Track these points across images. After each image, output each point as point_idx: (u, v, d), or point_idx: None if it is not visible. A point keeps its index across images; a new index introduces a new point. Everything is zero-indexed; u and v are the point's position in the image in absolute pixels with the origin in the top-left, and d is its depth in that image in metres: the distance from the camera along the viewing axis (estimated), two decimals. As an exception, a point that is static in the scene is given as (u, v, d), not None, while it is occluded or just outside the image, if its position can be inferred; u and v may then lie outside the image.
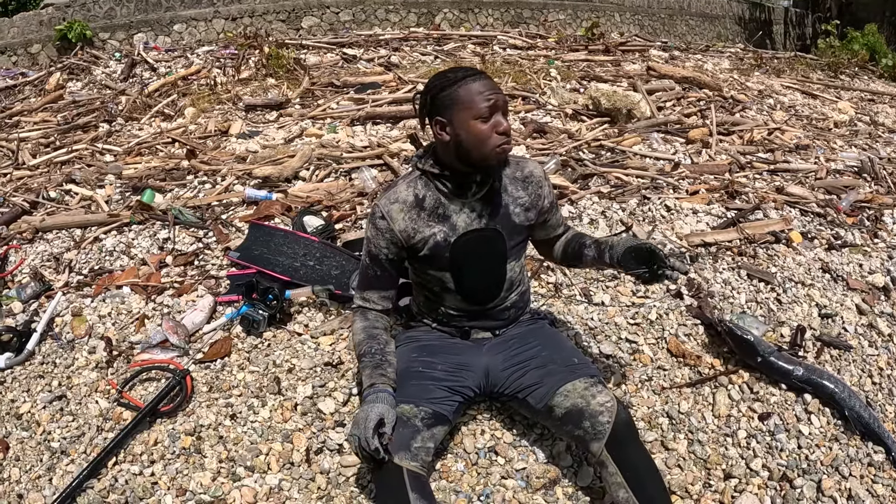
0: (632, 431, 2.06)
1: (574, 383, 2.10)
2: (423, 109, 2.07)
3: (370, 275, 2.22)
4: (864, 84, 8.94)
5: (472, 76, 1.99)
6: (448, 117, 1.99)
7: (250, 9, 10.08)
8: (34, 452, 2.40)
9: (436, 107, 2.01)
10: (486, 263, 2.21)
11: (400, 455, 1.92)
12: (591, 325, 2.82)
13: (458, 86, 1.97)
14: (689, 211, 3.81)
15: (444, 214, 2.11)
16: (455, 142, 2.00)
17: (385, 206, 2.11)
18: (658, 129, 5.48)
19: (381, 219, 2.11)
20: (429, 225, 2.11)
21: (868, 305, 3.13)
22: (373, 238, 2.15)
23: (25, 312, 3.19)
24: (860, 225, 3.86)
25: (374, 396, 2.00)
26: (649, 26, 13.70)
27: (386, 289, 2.25)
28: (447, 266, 2.16)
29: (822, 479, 2.27)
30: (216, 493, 2.14)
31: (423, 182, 2.12)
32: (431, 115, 2.03)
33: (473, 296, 2.25)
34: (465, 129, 1.97)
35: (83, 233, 3.89)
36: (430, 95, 2.02)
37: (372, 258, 2.18)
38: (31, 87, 7.88)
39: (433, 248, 2.12)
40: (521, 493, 2.18)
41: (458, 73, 2.00)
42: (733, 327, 2.66)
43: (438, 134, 2.02)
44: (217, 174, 4.55)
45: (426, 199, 2.11)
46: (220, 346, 2.73)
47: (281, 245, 3.21)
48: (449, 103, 1.98)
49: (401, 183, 2.15)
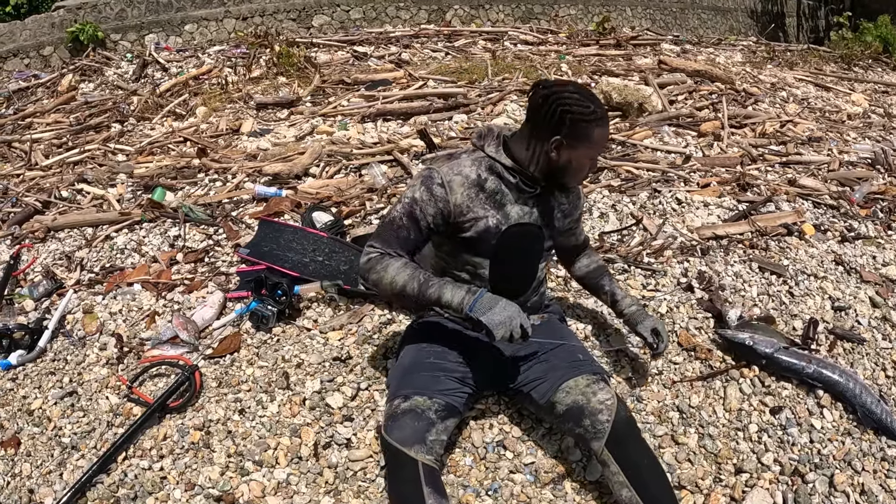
0: (633, 430, 2.05)
1: (576, 379, 2.10)
2: (549, 119, 1.97)
3: (401, 234, 2.07)
4: (877, 76, 8.85)
5: (606, 118, 2.01)
6: (572, 146, 1.98)
7: (261, 8, 10.10)
8: (45, 448, 2.41)
9: (568, 131, 1.96)
10: (525, 258, 2.23)
11: (416, 448, 1.92)
12: (601, 319, 2.81)
13: (597, 125, 1.97)
14: (700, 204, 3.78)
15: (501, 202, 2.09)
16: (559, 165, 2.02)
17: (447, 174, 2.05)
18: (669, 123, 5.45)
19: (440, 186, 2.03)
20: (483, 207, 2.07)
21: (882, 298, 3.10)
22: (421, 201, 2.04)
23: (37, 310, 3.21)
24: (874, 217, 3.82)
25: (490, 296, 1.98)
26: (661, 20, 13.62)
27: (411, 251, 2.11)
28: (489, 253, 2.13)
29: (834, 473, 2.25)
30: (224, 487, 2.14)
31: (488, 165, 2.09)
32: (555, 132, 1.97)
33: (503, 287, 2.20)
34: (577, 162, 2.02)
35: (95, 231, 3.91)
36: (570, 117, 1.94)
37: (412, 219, 2.06)
38: (43, 89, 7.92)
39: (482, 232, 2.08)
40: (530, 487, 2.17)
41: (598, 111, 1.97)
42: (726, 336, 2.66)
43: (550, 150, 2.00)
44: (228, 172, 4.56)
45: (487, 181, 2.08)
46: (230, 342, 2.74)
47: (290, 241, 3.21)
48: (581, 136, 1.97)
49: (464, 158, 2.11)
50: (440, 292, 1.98)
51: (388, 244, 2.07)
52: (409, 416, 2.00)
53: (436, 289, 1.99)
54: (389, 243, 2.07)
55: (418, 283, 2.00)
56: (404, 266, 2.03)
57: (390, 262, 2.04)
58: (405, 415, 2.00)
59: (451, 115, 5.70)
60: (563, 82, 2.02)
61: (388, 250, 2.07)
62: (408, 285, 2.00)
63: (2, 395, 2.69)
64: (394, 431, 1.96)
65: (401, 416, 2.00)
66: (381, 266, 2.04)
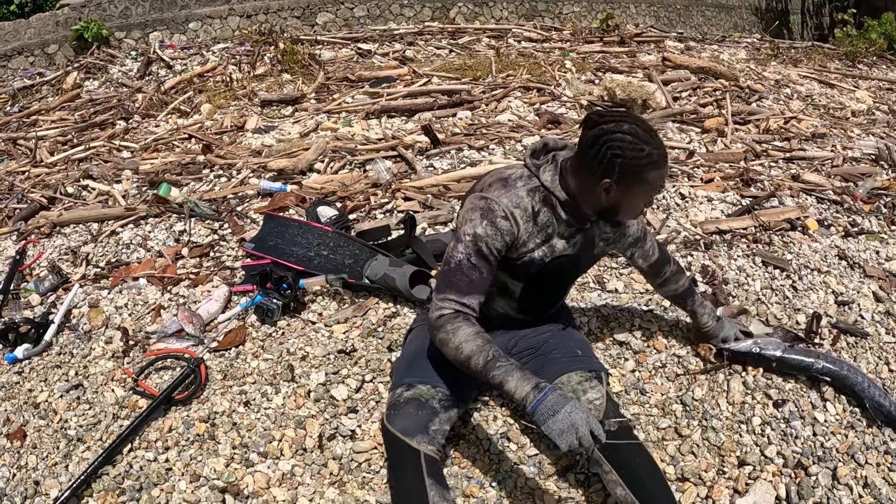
0: (623, 430, 2.01)
1: (570, 375, 2.10)
2: (600, 161, 1.84)
3: (474, 277, 1.93)
4: (882, 73, 8.84)
5: (664, 159, 1.87)
6: (623, 188, 1.87)
7: (265, 5, 10.11)
8: (51, 440, 2.42)
9: (619, 175, 1.84)
10: (559, 284, 2.22)
11: (418, 439, 1.91)
12: (605, 312, 2.82)
13: (651, 169, 1.84)
14: (704, 199, 3.79)
15: (549, 234, 2.02)
16: (610, 204, 1.93)
17: (508, 206, 1.93)
18: (674, 119, 5.46)
19: (505, 219, 1.92)
20: (534, 240, 2.00)
21: (885, 293, 3.10)
22: (486, 236, 1.91)
23: (43, 305, 3.23)
24: (877, 212, 3.82)
25: (558, 394, 1.76)
26: (665, 17, 13.60)
27: (485, 294, 1.99)
28: (525, 278, 2.09)
29: (837, 466, 2.25)
30: (230, 478, 2.16)
31: (542, 196, 1.98)
32: (606, 175, 1.85)
33: (530, 308, 2.21)
34: (628, 203, 1.93)
35: (100, 227, 3.92)
36: (619, 160, 1.82)
37: (482, 258, 1.93)
38: (48, 87, 7.95)
39: (527, 263, 2.02)
40: (534, 479, 2.18)
41: (654, 153, 1.83)
42: (731, 350, 2.58)
43: (600, 191, 1.89)
44: (232, 168, 4.58)
45: (540, 214, 1.99)
46: (235, 335, 2.75)
47: (295, 235, 3.22)
48: (633, 179, 1.86)
49: (520, 186, 1.98)
50: (504, 378, 1.80)
51: (462, 293, 1.93)
52: (413, 405, 1.99)
53: (501, 373, 1.81)
54: (464, 291, 1.93)
55: (484, 359, 1.83)
56: (475, 335, 1.87)
57: (461, 325, 1.89)
58: (408, 404, 2.00)
59: (455, 112, 5.71)
60: (617, 117, 1.85)
61: (465, 302, 1.92)
62: (473, 358, 1.85)
63: (8, 388, 2.70)
64: (396, 421, 1.95)
65: (403, 405, 2.00)
66: (451, 327, 1.89)
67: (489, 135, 4.98)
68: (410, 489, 1.89)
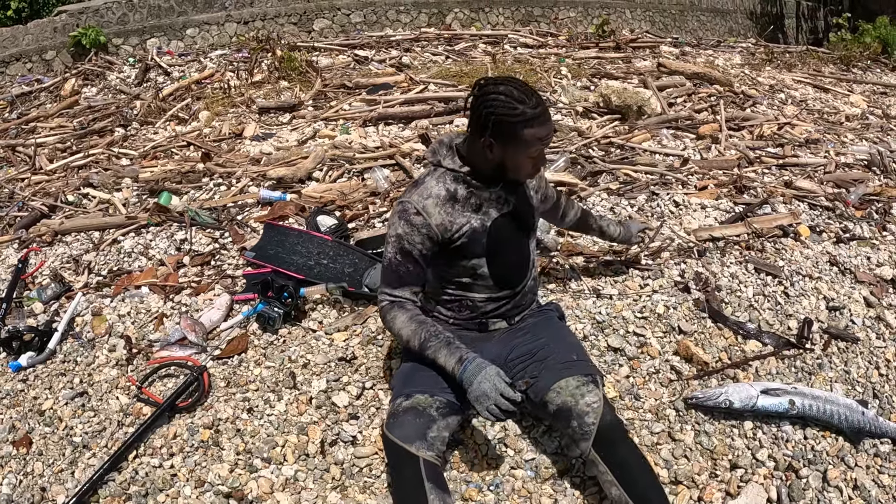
0: (618, 432, 2.08)
1: (567, 380, 2.13)
2: (478, 119, 2.04)
3: (402, 272, 2.19)
4: (876, 77, 8.90)
5: (538, 118, 2.01)
6: (501, 145, 2.04)
7: (262, 12, 10.16)
8: (57, 447, 2.47)
9: (494, 131, 2.02)
10: (516, 243, 2.32)
11: (416, 445, 1.96)
12: (599, 318, 2.86)
13: (524, 126, 1.99)
14: (698, 206, 3.84)
15: (478, 203, 2.19)
16: (497, 162, 2.09)
17: (419, 202, 2.14)
18: (668, 126, 5.51)
19: (417, 214, 2.13)
20: (464, 215, 2.17)
21: (876, 298, 3.15)
22: (406, 234, 2.14)
23: (46, 313, 3.27)
24: (869, 218, 3.88)
25: (475, 366, 2.02)
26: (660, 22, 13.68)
27: (417, 284, 2.24)
28: (483, 251, 2.23)
29: (827, 469, 2.30)
30: (234, 484, 2.20)
31: (452, 177, 2.18)
32: (484, 131, 2.03)
33: (505, 277, 2.31)
34: (512, 160, 2.08)
35: (102, 235, 3.97)
36: (493, 118, 2.00)
37: (404, 255, 2.17)
38: (46, 93, 7.97)
39: (471, 235, 2.18)
40: (531, 482, 2.23)
41: (528, 111, 1.99)
42: (700, 403, 2.47)
43: (484, 148, 2.06)
44: (232, 176, 4.62)
45: (458, 191, 2.17)
46: (237, 343, 2.80)
47: (295, 244, 3.27)
48: (509, 136, 2.02)
49: (428, 179, 2.19)
50: (435, 356, 2.11)
51: (393, 287, 2.21)
52: (411, 413, 2.04)
53: (432, 351, 2.11)
54: (395, 285, 2.21)
55: (419, 341, 2.13)
56: (409, 321, 2.17)
57: (397, 314, 2.19)
58: (407, 412, 2.05)
59: (452, 119, 5.76)
60: (499, 80, 2.05)
61: (396, 294, 2.21)
62: (411, 341, 2.16)
63: (13, 396, 2.74)
64: (395, 429, 2.01)
65: (402, 414, 2.05)
66: (390, 317, 2.20)
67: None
68: (411, 494, 1.94)
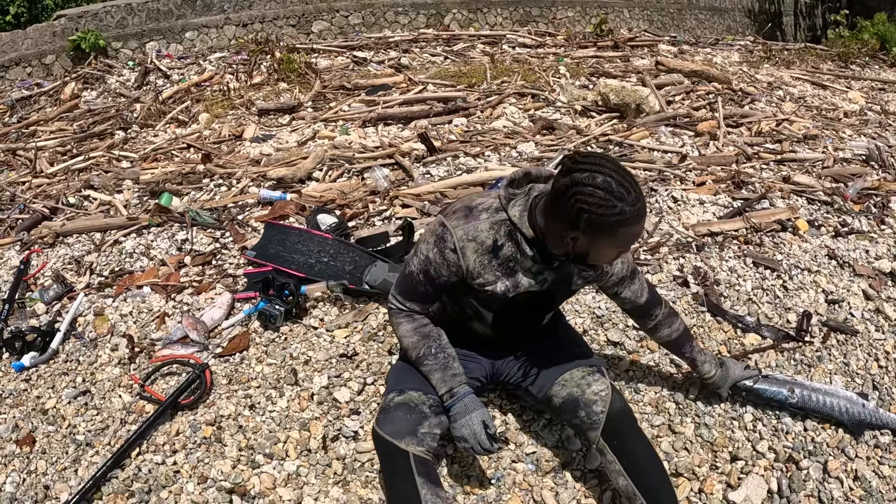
0: (628, 420, 2.08)
1: (572, 372, 2.14)
2: (568, 211, 1.72)
3: (420, 290, 2.06)
4: (874, 73, 8.92)
5: (638, 216, 1.71)
6: (590, 241, 1.76)
7: (261, 14, 10.18)
8: (60, 445, 2.48)
9: (585, 228, 1.72)
10: (532, 316, 2.20)
11: (406, 440, 1.96)
12: (599, 313, 2.88)
13: (621, 227, 1.70)
14: (696, 201, 3.85)
15: (514, 270, 1.97)
16: (577, 253, 1.83)
17: (461, 240, 1.92)
18: (667, 123, 5.52)
19: (453, 252, 1.93)
20: (494, 274, 1.96)
21: (875, 291, 3.16)
22: (435, 263, 1.97)
23: (48, 313, 3.28)
24: (867, 212, 3.89)
25: (462, 406, 2.03)
26: (658, 21, 13.69)
27: (432, 303, 2.13)
28: (493, 309, 2.09)
29: (828, 460, 2.31)
30: (236, 479, 2.21)
31: (507, 231, 1.91)
32: (574, 228, 1.73)
33: (506, 333, 2.22)
34: (597, 255, 1.83)
35: (103, 236, 3.98)
36: (586, 216, 1.69)
37: (428, 278, 2.01)
38: (46, 97, 7.98)
39: (489, 296, 2.02)
40: (531, 476, 2.24)
41: (627, 210, 1.67)
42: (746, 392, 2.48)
43: (566, 240, 1.79)
44: (232, 177, 4.64)
45: (504, 248, 1.93)
46: (239, 341, 2.81)
47: (296, 243, 3.28)
48: (601, 235, 1.73)
49: (483, 219, 1.93)
50: (430, 375, 2.10)
51: (406, 299, 2.11)
52: (402, 409, 2.04)
53: (427, 369, 2.10)
54: (408, 298, 2.11)
55: (417, 354, 2.11)
56: (413, 332, 2.12)
57: (403, 321, 2.13)
58: (398, 408, 2.04)
59: (451, 119, 5.77)
60: (592, 166, 1.69)
61: (408, 305, 2.11)
62: (409, 351, 2.13)
63: (16, 395, 2.76)
64: (385, 425, 2.01)
65: (393, 410, 2.04)
66: (396, 321, 2.15)
67: (485, 141, 5.05)
68: (402, 490, 1.94)
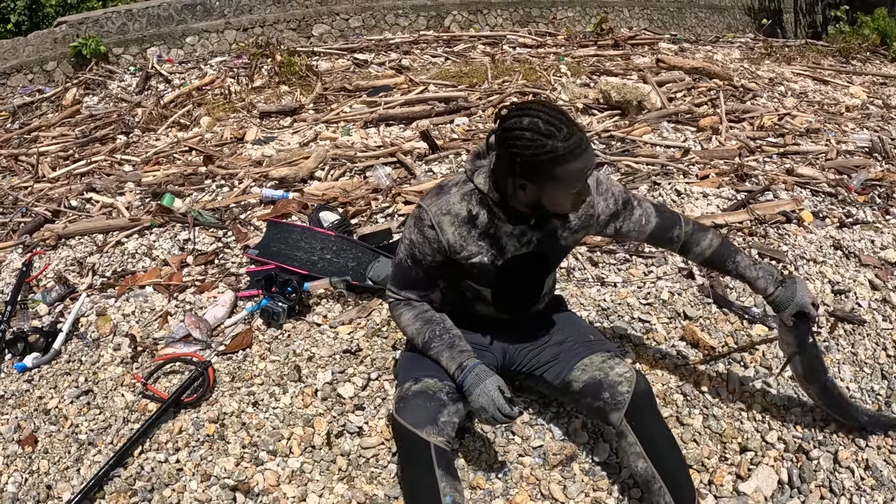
0: (650, 402, 2.06)
1: (591, 357, 2.12)
2: (505, 159, 1.76)
3: (411, 276, 2.07)
4: (875, 68, 8.90)
5: (573, 152, 1.69)
6: (535, 186, 1.77)
7: (261, 19, 10.19)
8: (62, 445, 2.46)
9: (524, 174, 1.74)
10: (527, 282, 2.17)
11: (427, 430, 1.92)
12: (604, 306, 2.86)
13: (557, 164, 1.69)
14: (700, 194, 3.83)
15: (495, 236, 1.97)
16: (531, 199, 1.83)
17: (436, 215, 1.95)
18: (669, 119, 5.50)
19: (431, 228, 1.95)
20: (477, 244, 1.97)
21: (881, 280, 3.14)
22: (418, 243, 1.99)
23: (51, 314, 3.27)
24: (871, 202, 3.86)
25: (474, 376, 1.97)
26: (658, 20, 13.68)
27: (428, 289, 2.14)
28: (488, 283, 2.09)
29: (838, 450, 2.28)
30: (240, 477, 2.19)
31: (478, 198, 1.93)
32: (513, 175, 1.77)
33: (508, 308, 2.21)
34: (549, 199, 1.82)
35: (105, 237, 3.97)
36: (519, 160, 1.71)
37: (415, 261, 2.03)
38: (48, 103, 7.99)
39: (478, 268, 2.02)
40: (539, 469, 2.22)
41: (557, 146, 1.67)
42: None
43: (516, 190, 1.81)
44: (234, 178, 4.63)
45: (479, 216, 1.94)
46: (242, 339, 2.80)
47: (298, 241, 3.27)
48: (542, 177, 1.74)
49: (454, 192, 1.96)
50: (438, 357, 2.06)
51: (401, 287, 2.12)
52: (421, 397, 1.99)
53: (435, 352, 2.06)
54: (404, 286, 2.12)
55: (422, 340, 2.09)
56: (414, 319, 2.11)
57: (403, 311, 2.13)
58: (416, 396, 2.00)
59: (453, 119, 5.76)
60: (523, 109, 1.74)
61: (404, 294, 2.12)
62: (415, 338, 2.11)
63: (18, 395, 2.74)
64: (405, 413, 1.96)
65: (412, 398, 2.00)
66: (396, 313, 2.15)
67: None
68: (421, 481, 1.90)
